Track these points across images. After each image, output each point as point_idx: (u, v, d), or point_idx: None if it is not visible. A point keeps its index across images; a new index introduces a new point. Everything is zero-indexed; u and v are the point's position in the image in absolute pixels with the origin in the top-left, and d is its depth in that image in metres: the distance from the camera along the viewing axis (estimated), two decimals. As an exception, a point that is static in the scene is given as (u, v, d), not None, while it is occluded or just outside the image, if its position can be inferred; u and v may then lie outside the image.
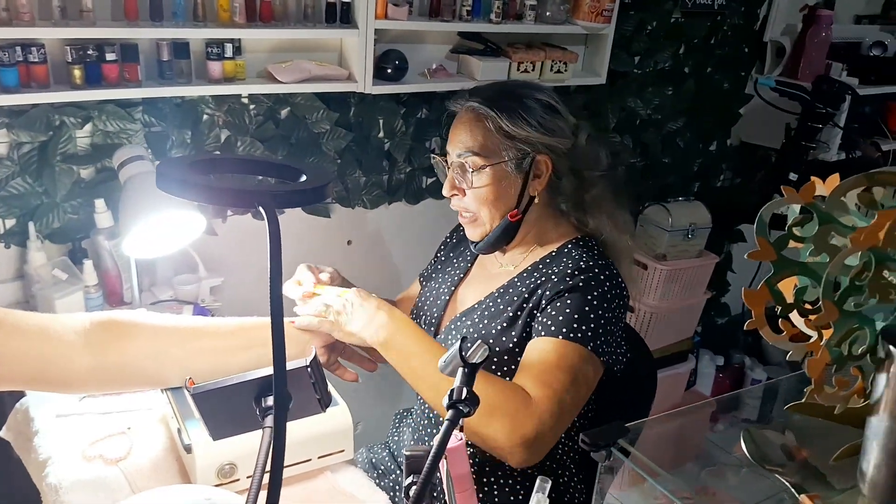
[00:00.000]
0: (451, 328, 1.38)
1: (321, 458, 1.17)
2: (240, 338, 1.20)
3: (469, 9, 1.99)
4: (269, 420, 0.84)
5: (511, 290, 1.34)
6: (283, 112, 1.92)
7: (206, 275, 1.78)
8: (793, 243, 0.79)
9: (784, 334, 0.78)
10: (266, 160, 0.93)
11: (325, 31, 1.83)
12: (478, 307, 1.37)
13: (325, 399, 0.91)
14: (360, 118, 2.03)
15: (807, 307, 0.78)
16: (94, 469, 1.13)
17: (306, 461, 1.16)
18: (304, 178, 0.85)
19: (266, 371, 0.87)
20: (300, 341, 1.28)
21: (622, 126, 2.54)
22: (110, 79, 1.59)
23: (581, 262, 1.29)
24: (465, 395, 0.78)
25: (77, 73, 1.55)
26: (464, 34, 2.10)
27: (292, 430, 1.09)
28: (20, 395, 1.33)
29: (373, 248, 2.23)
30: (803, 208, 0.77)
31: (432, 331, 1.43)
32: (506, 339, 1.29)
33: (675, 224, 2.47)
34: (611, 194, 1.40)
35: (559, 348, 1.21)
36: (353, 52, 1.89)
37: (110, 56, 1.58)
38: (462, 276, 1.49)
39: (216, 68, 1.72)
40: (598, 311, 1.24)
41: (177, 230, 1.42)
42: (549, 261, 1.35)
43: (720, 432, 1.09)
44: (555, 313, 1.24)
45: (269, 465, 0.74)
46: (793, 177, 2.42)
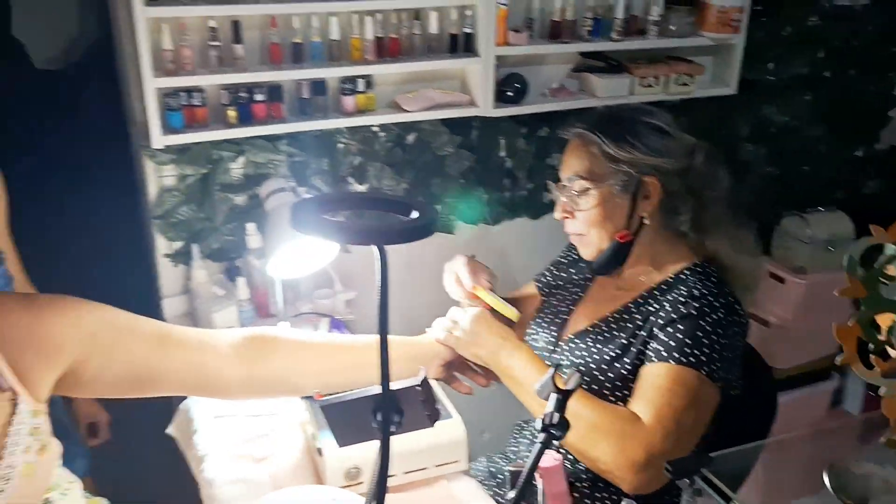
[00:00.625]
0: (565, 349, 1.42)
1: (437, 466, 1.28)
2: (369, 355, 1.33)
3: (589, 29, 2.03)
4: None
5: (626, 317, 1.36)
6: (410, 138, 2.05)
7: (341, 289, 1.94)
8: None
9: (876, 370, 0.78)
10: (384, 197, 1.04)
11: (448, 61, 1.94)
12: (591, 330, 1.40)
13: (433, 415, 1.00)
14: (482, 140, 2.12)
15: (900, 344, 0.78)
16: (243, 466, 1.30)
17: (422, 469, 1.26)
18: (415, 213, 0.93)
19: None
20: (426, 356, 1.38)
21: (756, 135, 2.47)
22: (259, 117, 1.79)
23: (695, 290, 1.29)
24: (556, 420, 0.84)
25: (231, 113, 1.76)
26: (585, 53, 2.13)
27: (408, 441, 1.21)
28: (184, 397, 1.54)
29: (495, 262, 2.28)
30: None
31: (549, 348, 1.47)
32: (619, 365, 1.32)
33: (815, 235, 2.36)
34: (731, 214, 1.39)
35: (671, 373, 1.22)
36: (474, 78, 1.99)
37: (259, 97, 1.77)
38: (581, 295, 1.52)
39: (350, 102, 1.88)
40: (711, 336, 1.24)
41: (312, 254, 1.58)
42: (666, 288, 1.35)
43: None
44: (667, 339, 1.26)
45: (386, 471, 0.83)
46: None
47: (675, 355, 1.23)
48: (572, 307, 1.50)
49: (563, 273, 1.61)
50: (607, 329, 1.37)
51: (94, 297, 1.12)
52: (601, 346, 1.35)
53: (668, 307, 1.29)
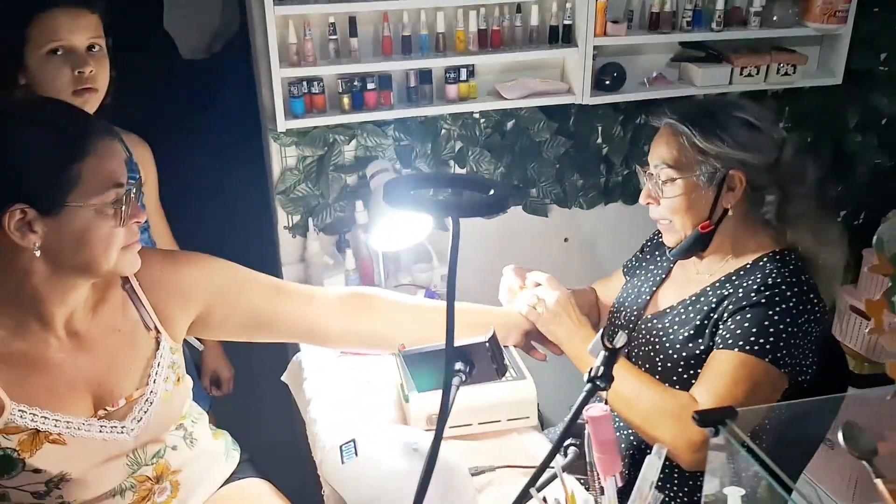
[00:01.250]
0: (643, 328, 1.50)
1: (509, 420, 1.42)
2: (457, 319, 1.48)
3: (689, 20, 2.08)
4: (455, 380, 1.09)
5: (703, 299, 1.42)
6: (509, 124, 2.17)
7: (438, 264, 2.09)
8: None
9: (899, 338, 0.85)
10: (466, 177, 1.17)
11: (547, 51, 2.05)
12: (670, 311, 1.47)
13: (500, 369, 1.14)
14: (579, 126, 2.21)
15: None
16: (342, 409, 1.49)
17: (496, 421, 1.41)
18: (491, 192, 1.05)
19: (459, 343, 1.12)
20: (508, 325, 1.51)
21: (864, 125, 2.41)
22: (370, 104, 1.98)
23: (769, 279, 1.33)
24: (601, 374, 0.95)
25: (346, 100, 1.96)
26: (685, 43, 2.17)
27: (483, 395, 1.36)
28: (297, 349, 1.76)
29: (588, 246, 2.40)
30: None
31: (630, 326, 1.55)
32: (692, 345, 1.38)
33: (923, 230, 2.29)
34: (815, 208, 1.40)
35: (734, 360, 1.28)
36: (573, 68, 2.08)
37: (371, 85, 1.96)
38: (664, 276, 1.58)
39: (453, 90, 2.03)
40: (779, 326, 1.29)
41: (409, 229, 1.74)
42: (743, 273, 1.39)
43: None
44: (734, 326, 1.31)
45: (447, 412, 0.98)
46: None
47: (741, 343, 1.29)
48: (654, 288, 1.57)
49: (648, 255, 1.67)
50: (684, 311, 1.44)
51: (225, 258, 1.33)
52: (678, 327, 1.42)
53: (741, 293, 1.34)
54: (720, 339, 1.33)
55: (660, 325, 1.45)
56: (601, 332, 1.01)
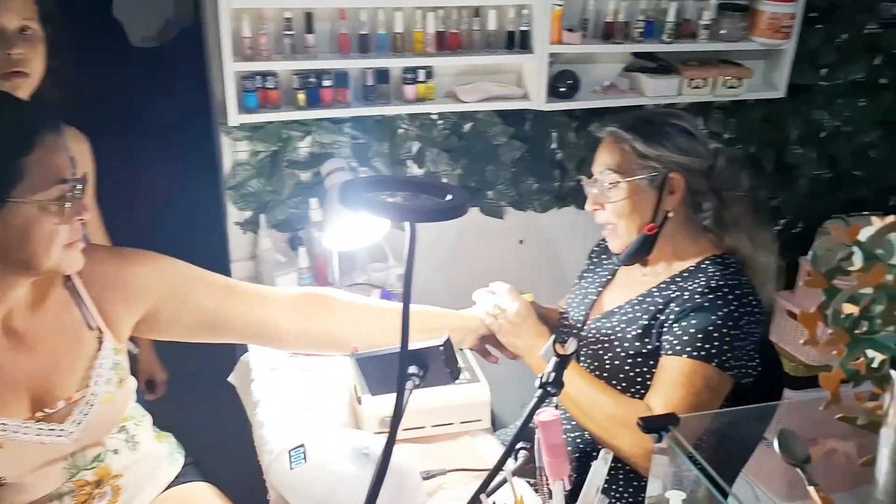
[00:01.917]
0: (592, 328, 1.53)
1: (462, 423, 1.42)
2: (413, 322, 1.47)
3: (641, 30, 2.12)
4: (408, 384, 1.09)
5: (648, 300, 1.46)
6: (466, 127, 2.18)
7: (394, 264, 2.09)
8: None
9: (835, 353, 0.88)
10: (422, 181, 1.17)
11: (504, 56, 2.06)
12: (617, 311, 1.51)
13: (454, 372, 1.14)
14: (535, 131, 2.24)
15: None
16: (292, 412, 1.47)
17: (449, 424, 1.41)
18: (449, 197, 1.05)
19: (413, 346, 1.12)
20: (465, 329, 1.52)
21: (805, 138, 2.50)
22: (326, 101, 1.96)
23: (712, 281, 1.38)
24: (552, 380, 0.97)
25: (301, 96, 1.93)
26: (637, 53, 2.22)
27: (437, 398, 1.36)
28: (245, 349, 1.73)
29: (542, 248, 2.44)
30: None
31: (577, 327, 1.59)
32: (639, 345, 1.43)
33: (855, 240, 2.39)
34: (751, 213, 1.47)
35: (684, 367, 1.33)
36: (529, 73, 2.11)
37: (327, 82, 1.94)
38: (609, 278, 1.62)
39: (411, 91, 2.03)
40: (722, 329, 1.34)
41: (365, 229, 1.74)
42: (687, 275, 1.44)
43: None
44: (680, 332, 1.36)
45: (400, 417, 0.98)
46: None
47: (688, 349, 1.34)
48: (600, 290, 1.61)
49: (596, 259, 1.72)
50: (631, 310, 1.48)
51: (172, 256, 1.30)
52: (625, 326, 1.46)
53: (686, 295, 1.39)
54: (668, 345, 1.37)
55: (608, 325, 1.49)
56: (553, 339, 1.03)
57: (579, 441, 1.50)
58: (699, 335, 1.34)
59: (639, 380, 1.44)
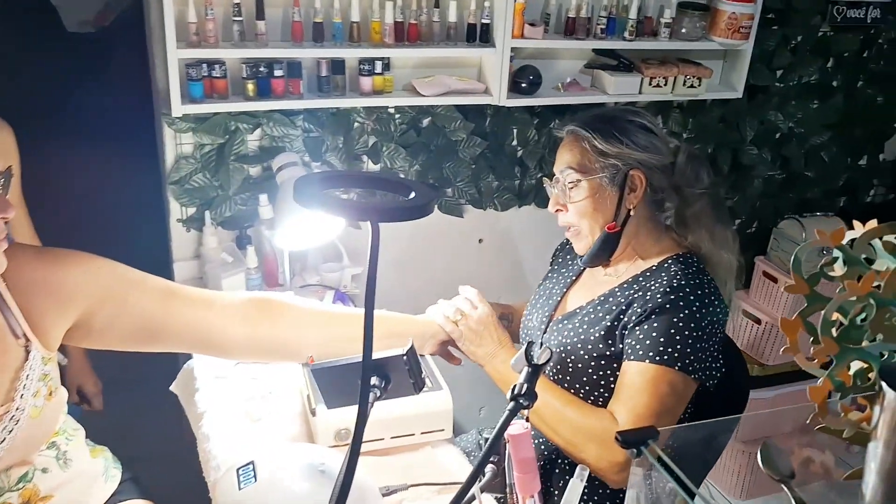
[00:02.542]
0: (555, 329, 1.50)
1: (423, 434, 1.35)
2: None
3: (603, 27, 2.08)
4: (370, 396, 1.02)
5: (611, 300, 1.44)
6: (425, 121, 2.11)
7: (348, 264, 2.00)
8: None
9: (816, 361, 0.85)
10: (385, 177, 1.10)
11: (465, 49, 1.99)
12: (580, 312, 1.48)
13: (418, 383, 1.07)
14: (495, 128, 2.18)
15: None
16: (239, 424, 1.38)
17: (409, 435, 1.34)
18: (412, 194, 0.97)
19: (374, 356, 1.04)
20: (425, 334, 1.45)
21: (760, 139, 2.51)
22: (277, 92, 1.86)
23: (674, 281, 1.36)
24: (524, 391, 0.91)
25: (250, 86, 1.83)
26: (598, 50, 2.18)
27: (397, 408, 1.28)
28: (189, 357, 1.62)
29: (502, 247, 2.38)
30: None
31: (541, 328, 1.55)
32: (602, 346, 1.40)
33: (809, 238, 2.41)
34: (711, 211, 1.47)
35: (647, 372, 1.30)
36: (490, 68, 2.04)
37: (278, 72, 1.84)
38: (573, 279, 1.59)
39: (367, 83, 1.94)
40: (684, 332, 1.31)
41: (319, 228, 1.65)
42: (649, 274, 1.43)
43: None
44: (643, 336, 1.33)
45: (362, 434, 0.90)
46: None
47: (651, 354, 1.31)
48: (564, 290, 1.58)
49: (560, 260, 1.69)
50: (594, 311, 1.45)
51: (110, 256, 1.20)
52: (587, 327, 1.43)
53: (648, 295, 1.36)
54: (630, 350, 1.34)
55: (570, 326, 1.46)
56: (524, 348, 0.97)
57: (544, 448, 1.46)
58: (661, 339, 1.31)
59: (602, 382, 1.41)
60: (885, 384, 0.79)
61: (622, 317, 1.38)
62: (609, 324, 1.40)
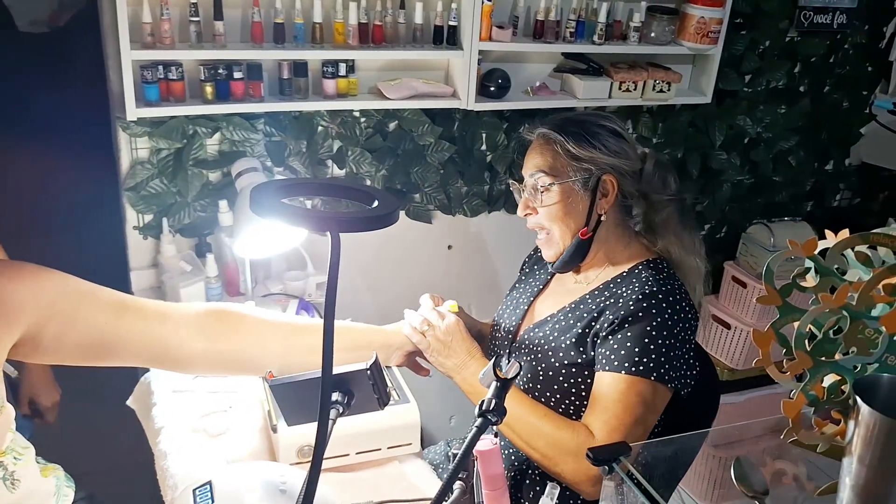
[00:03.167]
0: (525, 338, 1.47)
1: (390, 448, 1.30)
2: (334, 341, 1.34)
3: (572, 31, 2.06)
4: (332, 413, 0.97)
5: (582, 307, 1.41)
6: (391, 125, 2.07)
7: (313, 272, 1.95)
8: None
9: (788, 373, 0.83)
10: (346, 185, 1.05)
11: (431, 52, 1.95)
12: (550, 319, 1.45)
13: (383, 398, 1.03)
14: (464, 132, 2.15)
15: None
16: (198, 440, 1.32)
17: (376, 450, 1.29)
18: (376, 203, 0.93)
19: (337, 370, 1.00)
20: (391, 345, 1.41)
21: (729, 144, 2.51)
22: (237, 94, 1.80)
23: (646, 288, 1.34)
24: (493, 406, 0.87)
25: (209, 89, 1.77)
26: (567, 54, 2.16)
27: (362, 423, 1.24)
28: (146, 370, 1.55)
29: (472, 253, 2.35)
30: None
31: (510, 338, 1.52)
32: (574, 354, 1.37)
33: (778, 244, 2.42)
34: (678, 217, 1.46)
35: (621, 384, 1.28)
36: (457, 71, 2.01)
37: (238, 74, 1.78)
38: (541, 287, 1.56)
39: (331, 86, 1.89)
40: (658, 341, 1.29)
41: (280, 236, 1.60)
42: (620, 281, 1.40)
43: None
44: (617, 346, 1.30)
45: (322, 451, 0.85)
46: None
47: (626, 364, 1.28)
48: (531, 299, 1.55)
49: (528, 270, 1.67)
50: (564, 318, 1.42)
51: (63, 265, 1.13)
52: (558, 335, 1.40)
53: (620, 302, 1.34)
54: (604, 360, 1.31)
55: (540, 334, 1.43)
56: (492, 362, 0.93)
57: (514, 457, 1.43)
58: (635, 349, 1.29)
59: (573, 390, 1.38)
60: (859, 399, 0.77)
61: (594, 324, 1.36)
62: (580, 331, 1.37)
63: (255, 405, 1.41)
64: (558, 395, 1.38)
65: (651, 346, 1.28)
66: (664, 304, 1.32)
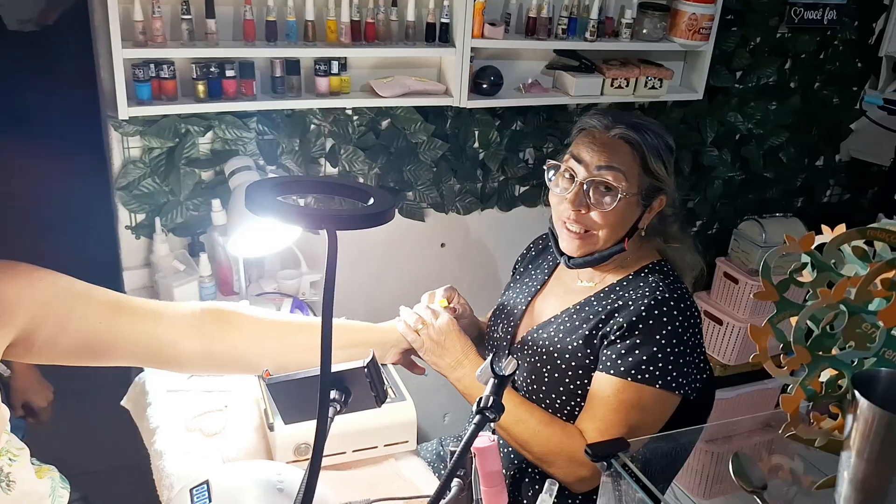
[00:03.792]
0: (528, 339, 1.44)
1: (386, 446, 1.30)
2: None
3: (564, 27, 2.06)
4: (330, 411, 0.97)
5: (588, 308, 1.39)
6: (384, 123, 2.06)
7: (307, 270, 1.94)
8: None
9: (785, 368, 0.83)
10: (343, 182, 1.05)
11: (424, 49, 1.95)
12: (554, 321, 1.42)
13: (380, 396, 1.02)
14: (457, 130, 2.15)
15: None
16: (194, 440, 1.31)
17: (372, 448, 1.29)
18: (371, 200, 0.92)
19: (334, 368, 0.99)
20: (386, 343, 1.41)
21: (720, 140, 2.52)
22: (229, 93, 1.79)
23: (657, 293, 1.31)
24: (491, 404, 0.87)
25: (201, 87, 1.76)
26: (559, 51, 2.16)
27: (359, 421, 1.23)
28: (140, 369, 1.54)
29: (465, 252, 2.35)
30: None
31: (508, 339, 1.50)
32: (581, 355, 1.35)
33: (769, 240, 2.44)
34: (679, 224, 1.45)
35: (623, 390, 1.27)
36: (450, 68, 2.00)
37: (230, 73, 1.77)
38: (539, 287, 1.54)
39: (323, 83, 1.88)
40: (667, 349, 1.28)
41: (274, 234, 1.59)
42: (626, 283, 1.38)
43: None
44: (625, 352, 1.28)
45: (322, 450, 0.85)
46: (900, 199, 2.31)
47: (633, 372, 1.27)
48: (530, 298, 1.53)
49: (521, 268, 1.64)
50: (569, 319, 1.40)
51: (55, 265, 1.12)
52: (563, 335, 1.38)
53: (631, 307, 1.32)
54: (609, 362, 1.30)
55: (544, 335, 1.41)
56: (490, 359, 0.93)
57: (513, 455, 1.43)
58: (643, 356, 1.27)
59: (579, 392, 1.36)
60: (857, 393, 0.77)
61: (602, 326, 1.34)
62: (587, 333, 1.35)
63: (250, 404, 1.40)
64: (563, 397, 1.37)
65: (660, 355, 1.27)
66: (675, 312, 1.30)
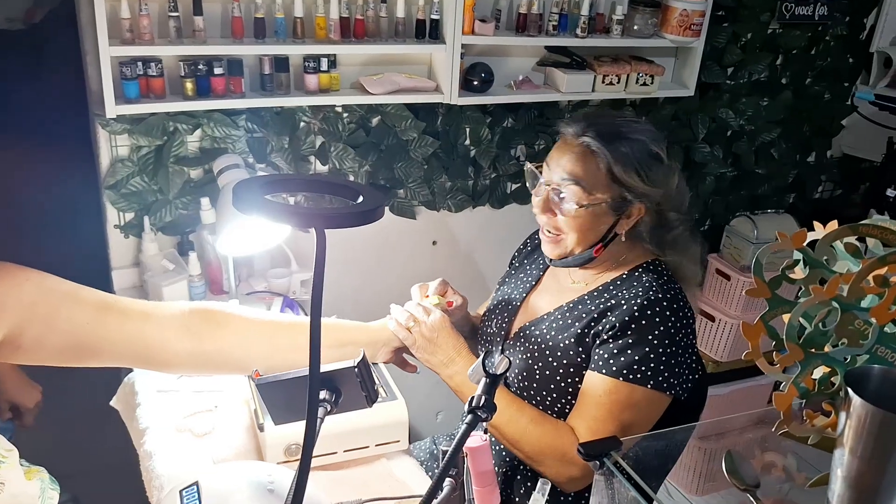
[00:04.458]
0: (521, 335, 1.44)
1: (378, 446, 1.29)
2: (321, 338, 1.33)
3: (555, 24, 2.05)
4: (320, 411, 0.96)
5: (581, 307, 1.39)
6: (374, 121, 2.05)
7: (297, 269, 1.93)
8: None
9: (778, 365, 0.83)
10: (331, 181, 1.04)
11: (414, 46, 1.94)
12: (547, 318, 1.42)
13: (371, 396, 1.02)
14: (447, 127, 2.14)
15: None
16: (183, 440, 1.30)
17: (364, 448, 1.28)
18: (360, 199, 0.91)
19: (324, 368, 0.98)
20: (377, 342, 1.39)
21: (712, 137, 2.52)
22: (218, 90, 1.77)
23: (650, 293, 1.30)
24: (483, 403, 0.86)
25: (189, 85, 1.74)
26: (550, 48, 2.15)
27: (350, 421, 1.22)
28: (130, 370, 1.53)
29: (457, 249, 2.34)
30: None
31: (502, 334, 1.50)
32: (573, 353, 1.35)
33: (761, 236, 2.44)
34: (689, 232, 1.42)
35: (613, 389, 1.27)
36: (440, 65, 1.99)
37: (218, 70, 1.75)
38: (534, 283, 1.53)
39: (313, 81, 1.87)
40: (659, 350, 1.27)
41: (264, 233, 1.58)
42: (620, 283, 1.38)
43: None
44: (617, 352, 1.28)
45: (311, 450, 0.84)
46: (891, 193, 2.32)
47: (624, 371, 1.27)
48: (524, 295, 1.53)
49: (517, 264, 1.64)
50: (562, 317, 1.40)
51: (43, 265, 1.11)
52: (555, 333, 1.38)
53: (624, 306, 1.31)
54: (601, 361, 1.30)
55: (537, 332, 1.41)
56: (481, 358, 0.92)
57: (505, 454, 1.42)
58: (635, 357, 1.27)
59: (570, 390, 1.36)
60: (850, 390, 0.77)
61: (594, 325, 1.33)
62: (579, 331, 1.35)
63: (240, 404, 1.39)
64: (554, 395, 1.37)
65: (652, 356, 1.27)
66: (668, 312, 1.29)
